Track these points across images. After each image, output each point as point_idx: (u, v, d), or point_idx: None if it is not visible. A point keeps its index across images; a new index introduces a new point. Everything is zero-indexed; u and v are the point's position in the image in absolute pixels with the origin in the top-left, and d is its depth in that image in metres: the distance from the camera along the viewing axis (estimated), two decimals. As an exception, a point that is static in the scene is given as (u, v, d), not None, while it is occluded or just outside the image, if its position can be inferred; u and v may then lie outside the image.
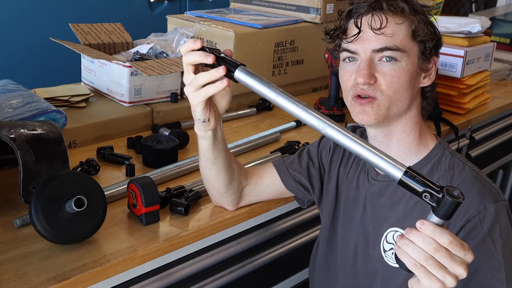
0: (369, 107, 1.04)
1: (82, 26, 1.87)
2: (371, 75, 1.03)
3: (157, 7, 2.95)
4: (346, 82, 1.08)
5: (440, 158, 1.09)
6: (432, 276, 0.76)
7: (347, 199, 1.21)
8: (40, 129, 1.15)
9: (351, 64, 1.07)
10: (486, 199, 1.01)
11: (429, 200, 0.77)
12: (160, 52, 1.81)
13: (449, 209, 0.75)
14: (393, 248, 1.09)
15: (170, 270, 1.20)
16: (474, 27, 1.94)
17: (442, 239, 0.76)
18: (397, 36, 1.02)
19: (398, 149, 1.10)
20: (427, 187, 0.77)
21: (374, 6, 1.02)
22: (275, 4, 2.19)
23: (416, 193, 0.78)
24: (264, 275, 1.45)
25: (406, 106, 1.06)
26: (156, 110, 1.72)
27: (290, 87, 2.12)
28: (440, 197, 0.76)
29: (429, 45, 1.06)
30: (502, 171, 2.49)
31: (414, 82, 1.06)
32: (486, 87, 2.15)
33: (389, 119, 1.07)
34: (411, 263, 0.78)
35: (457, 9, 4.07)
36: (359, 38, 1.04)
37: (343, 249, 1.22)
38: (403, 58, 1.03)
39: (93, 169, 1.38)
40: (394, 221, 1.10)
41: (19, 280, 0.98)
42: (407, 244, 0.78)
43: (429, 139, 1.12)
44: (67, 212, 1.03)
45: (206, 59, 0.98)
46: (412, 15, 1.04)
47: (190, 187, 1.32)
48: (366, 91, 1.04)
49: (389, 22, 1.02)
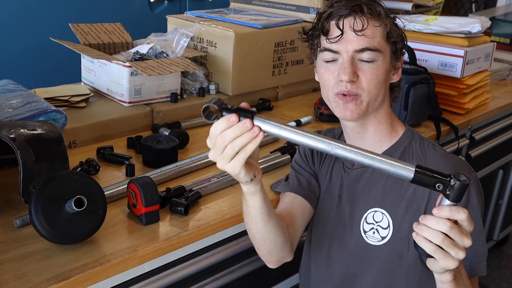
0: (352, 104, 1.12)
1: (82, 26, 1.87)
2: (354, 72, 1.10)
3: (157, 7, 2.95)
4: (327, 80, 1.15)
5: (410, 141, 1.20)
6: (448, 256, 0.86)
7: (321, 192, 1.28)
8: (40, 129, 1.15)
9: (332, 63, 1.14)
10: (462, 172, 1.08)
11: (442, 190, 0.85)
12: (160, 52, 1.81)
13: (461, 192, 0.84)
14: (374, 227, 1.18)
15: (170, 270, 1.20)
16: (474, 27, 1.94)
17: (460, 215, 0.85)
18: (375, 38, 1.11)
19: (374, 137, 1.20)
20: (437, 179, 0.85)
21: (355, 9, 1.10)
22: (275, 4, 2.20)
23: (429, 186, 0.85)
24: (264, 275, 1.45)
25: (381, 100, 1.16)
26: (156, 110, 1.72)
27: (290, 87, 2.13)
28: (451, 184, 0.84)
29: (399, 46, 1.16)
30: (502, 171, 2.49)
31: (387, 79, 1.16)
32: (486, 87, 2.15)
33: (368, 113, 1.16)
34: (431, 249, 0.86)
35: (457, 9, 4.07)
36: (341, 39, 1.11)
37: (317, 242, 1.28)
38: (379, 58, 1.12)
39: (93, 169, 1.38)
40: (372, 202, 1.19)
41: (19, 280, 0.98)
42: (424, 229, 0.86)
43: (399, 127, 1.23)
44: (67, 212, 1.03)
45: (230, 121, 0.88)
46: (386, 18, 1.13)
47: (190, 187, 1.32)
48: (350, 89, 1.11)
49: (369, 25, 1.10)
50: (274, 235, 1.10)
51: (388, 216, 1.17)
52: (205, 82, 1.93)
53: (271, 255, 1.16)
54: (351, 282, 1.23)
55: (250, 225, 1.10)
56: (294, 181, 1.29)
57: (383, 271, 1.18)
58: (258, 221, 1.06)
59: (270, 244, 1.12)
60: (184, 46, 1.84)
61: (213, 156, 0.91)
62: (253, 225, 1.08)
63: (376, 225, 1.18)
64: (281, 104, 2.05)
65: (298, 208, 1.25)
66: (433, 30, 2.00)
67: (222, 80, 1.92)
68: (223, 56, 1.89)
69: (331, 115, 1.80)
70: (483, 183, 1.18)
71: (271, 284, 1.50)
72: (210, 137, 0.90)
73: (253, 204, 1.03)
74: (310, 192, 1.27)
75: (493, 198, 2.54)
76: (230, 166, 0.90)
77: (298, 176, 1.28)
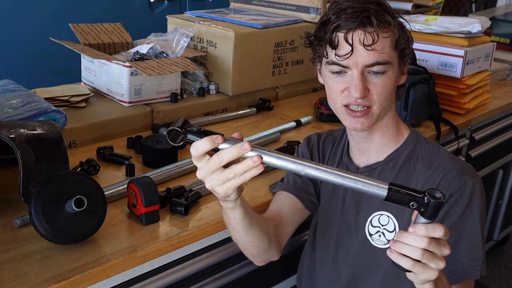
0: (363, 118, 1.11)
1: (82, 26, 1.87)
2: (365, 88, 1.08)
3: (157, 7, 2.95)
4: (336, 92, 1.13)
5: (415, 144, 1.20)
6: (428, 268, 0.85)
7: (325, 196, 1.28)
8: (40, 129, 1.15)
9: (340, 75, 1.11)
10: (465, 176, 1.14)
11: (416, 207, 0.83)
12: (160, 52, 1.81)
13: (435, 210, 0.82)
14: (380, 231, 1.18)
15: (170, 270, 1.20)
16: (474, 27, 1.94)
17: (436, 233, 0.83)
18: (384, 49, 1.08)
19: (380, 141, 1.20)
20: (411, 196, 0.83)
21: (364, 22, 1.05)
22: (275, 4, 2.19)
23: (403, 204, 0.84)
24: (264, 275, 1.45)
25: (389, 107, 1.16)
26: (156, 110, 1.72)
27: (290, 87, 2.13)
28: (426, 202, 0.82)
29: (407, 51, 1.14)
30: (502, 171, 2.49)
31: (396, 85, 1.15)
32: (486, 87, 2.15)
33: (376, 121, 1.16)
34: (409, 264, 0.85)
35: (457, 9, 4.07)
36: (351, 54, 1.07)
37: (323, 244, 1.28)
38: (389, 69, 1.10)
39: (93, 169, 1.38)
40: (377, 205, 1.18)
41: (19, 280, 0.98)
42: (402, 247, 0.85)
43: (404, 129, 1.23)
44: (67, 212, 1.03)
45: (215, 142, 0.88)
46: (394, 25, 1.09)
47: (190, 187, 1.32)
48: (361, 103, 1.10)
49: (379, 38, 1.06)
50: (257, 241, 1.11)
51: (394, 219, 1.16)
52: (205, 82, 1.93)
53: (255, 257, 1.19)
54: (357, 283, 1.23)
55: (232, 233, 1.11)
56: (289, 180, 1.29)
57: (389, 272, 1.17)
58: (240, 231, 1.07)
59: (253, 249, 1.14)
60: (184, 46, 1.84)
61: (201, 176, 0.90)
62: (235, 233, 1.09)
63: (382, 228, 1.18)
64: (281, 104, 2.05)
65: (289, 207, 1.25)
66: (433, 30, 2.00)
67: (222, 80, 1.92)
68: (223, 56, 1.89)
69: (331, 115, 1.80)
70: (483, 183, 1.18)
71: (271, 284, 1.50)
72: (195, 157, 0.89)
73: (233, 216, 1.03)
74: (304, 193, 1.27)
75: (493, 198, 2.54)
76: (223, 189, 0.90)
77: (294, 175, 1.28)
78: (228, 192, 0.91)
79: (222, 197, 0.95)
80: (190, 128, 0.89)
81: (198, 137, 0.88)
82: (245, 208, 1.03)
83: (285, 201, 1.26)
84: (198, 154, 0.88)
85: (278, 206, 1.26)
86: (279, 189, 1.30)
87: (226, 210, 1.02)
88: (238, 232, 1.07)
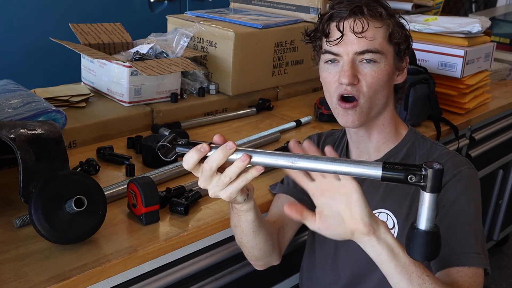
0: (352, 111, 1.12)
1: (82, 26, 1.87)
2: (354, 75, 1.10)
3: (157, 7, 2.95)
4: (330, 84, 1.14)
5: (413, 142, 1.22)
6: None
7: None
8: (40, 129, 1.15)
9: (333, 65, 1.13)
10: (460, 166, 1.14)
11: (416, 182, 0.79)
12: (160, 52, 1.81)
13: (436, 180, 0.79)
14: None
15: (170, 270, 1.20)
16: (474, 27, 1.94)
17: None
18: (376, 40, 1.10)
19: (378, 140, 1.21)
20: (408, 170, 0.80)
21: (355, 10, 1.09)
22: (275, 4, 2.19)
23: (401, 180, 0.80)
24: (264, 276, 1.44)
25: (384, 103, 1.16)
26: (156, 110, 1.72)
27: (290, 87, 2.13)
28: (424, 173, 0.79)
29: (403, 46, 1.15)
30: (502, 171, 2.49)
31: (391, 81, 1.15)
32: (486, 87, 2.15)
33: (371, 117, 1.16)
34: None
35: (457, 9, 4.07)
36: (342, 41, 1.10)
37: (322, 246, 1.28)
38: (381, 60, 1.11)
39: (93, 169, 1.38)
40: (376, 203, 1.19)
41: (19, 280, 0.98)
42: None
43: (402, 127, 1.24)
44: (67, 212, 1.03)
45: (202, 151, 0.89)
46: (388, 19, 1.12)
47: (190, 187, 1.32)
48: (350, 91, 1.11)
49: (369, 26, 1.09)
50: (264, 244, 1.12)
51: (392, 217, 1.17)
52: (205, 82, 1.93)
53: (258, 260, 1.19)
54: (359, 282, 1.23)
55: (239, 236, 1.11)
56: (289, 183, 1.29)
57: None
58: (249, 233, 1.08)
59: (258, 252, 1.14)
60: (184, 46, 1.84)
61: (203, 186, 0.92)
62: (243, 236, 1.10)
63: None
64: (281, 104, 2.05)
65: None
66: (433, 30, 2.00)
67: (222, 80, 1.92)
68: (223, 56, 1.89)
69: (331, 115, 1.80)
70: (483, 183, 1.18)
71: (271, 284, 1.50)
72: (189, 170, 0.90)
73: (246, 219, 1.04)
74: (304, 195, 1.26)
75: (493, 198, 2.54)
76: (226, 194, 0.91)
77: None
78: (232, 196, 0.92)
79: (230, 202, 0.95)
80: (179, 141, 0.91)
81: (187, 149, 0.90)
82: (258, 211, 1.05)
83: (284, 203, 1.26)
84: (190, 166, 0.89)
85: (279, 210, 1.26)
86: (279, 191, 1.30)
87: (239, 212, 1.03)
88: (247, 234, 1.08)
